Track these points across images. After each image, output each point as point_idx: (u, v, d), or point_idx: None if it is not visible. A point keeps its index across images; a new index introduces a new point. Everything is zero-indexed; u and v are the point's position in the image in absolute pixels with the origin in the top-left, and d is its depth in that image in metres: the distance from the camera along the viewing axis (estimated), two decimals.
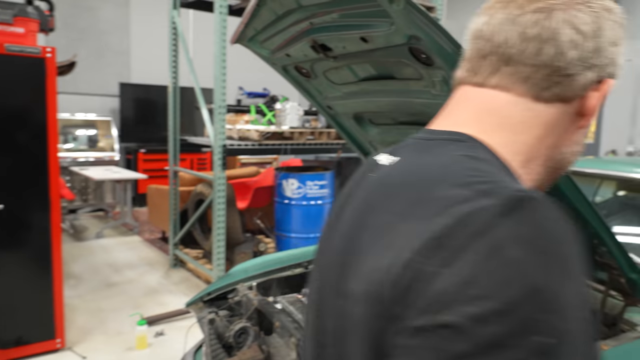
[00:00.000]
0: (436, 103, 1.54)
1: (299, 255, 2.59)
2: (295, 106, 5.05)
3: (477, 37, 0.71)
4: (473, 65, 0.73)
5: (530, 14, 0.65)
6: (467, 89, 0.76)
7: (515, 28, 0.66)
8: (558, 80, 0.66)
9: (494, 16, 0.69)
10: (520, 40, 0.66)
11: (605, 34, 0.66)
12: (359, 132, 2.24)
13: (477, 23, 0.72)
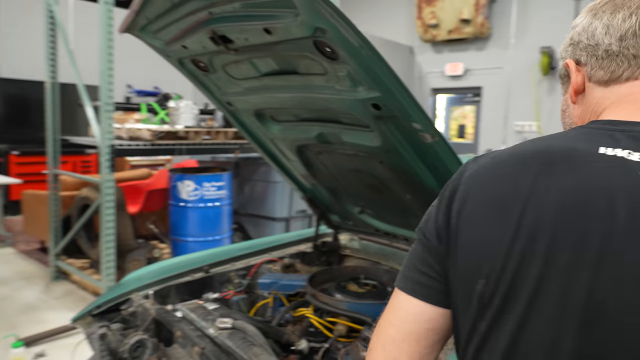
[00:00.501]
0: (340, 99, 1.54)
1: (197, 260, 2.46)
2: (190, 104, 4.85)
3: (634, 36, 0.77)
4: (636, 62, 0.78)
5: None
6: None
7: None
8: None
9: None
10: None
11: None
12: (261, 130, 2.18)
13: (618, 23, 0.78)
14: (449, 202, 0.81)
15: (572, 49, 0.86)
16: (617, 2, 0.80)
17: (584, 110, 0.85)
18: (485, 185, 0.77)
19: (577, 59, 0.85)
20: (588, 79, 0.84)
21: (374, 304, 1.92)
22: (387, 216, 2.30)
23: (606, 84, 0.81)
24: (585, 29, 0.83)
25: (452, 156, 1.43)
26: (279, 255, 2.60)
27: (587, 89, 0.84)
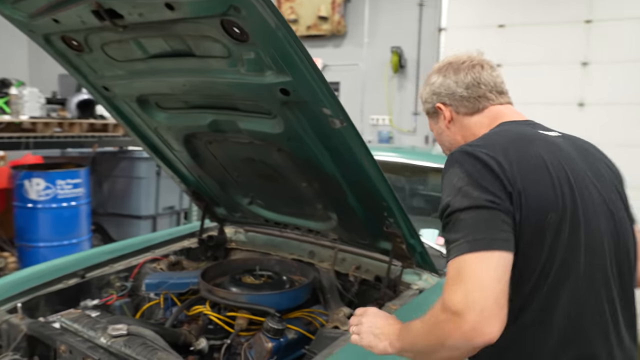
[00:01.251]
0: (242, 84, 1.48)
1: (68, 264, 2.19)
2: (36, 92, 4.27)
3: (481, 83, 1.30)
4: (494, 95, 1.31)
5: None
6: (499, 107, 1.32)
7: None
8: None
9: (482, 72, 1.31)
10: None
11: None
12: (143, 118, 2.01)
13: (462, 79, 1.30)
14: (501, 174, 1.04)
15: (436, 97, 1.34)
16: (454, 66, 1.31)
17: (465, 129, 1.32)
18: (521, 157, 1.09)
19: (443, 102, 1.33)
20: (456, 113, 1.32)
21: (274, 294, 1.90)
22: (278, 206, 2.29)
23: (472, 114, 1.31)
24: (442, 84, 1.32)
25: (359, 141, 1.47)
26: (162, 253, 2.43)
27: (457, 118, 1.33)
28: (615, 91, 8.32)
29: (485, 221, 1.00)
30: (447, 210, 1.05)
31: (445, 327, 0.96)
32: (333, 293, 2.06)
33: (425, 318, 1.05)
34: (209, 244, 2.54)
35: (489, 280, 0.95)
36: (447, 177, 1.10)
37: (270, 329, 1.79)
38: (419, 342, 1.06)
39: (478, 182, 1.03)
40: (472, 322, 0.92)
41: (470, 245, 0.98)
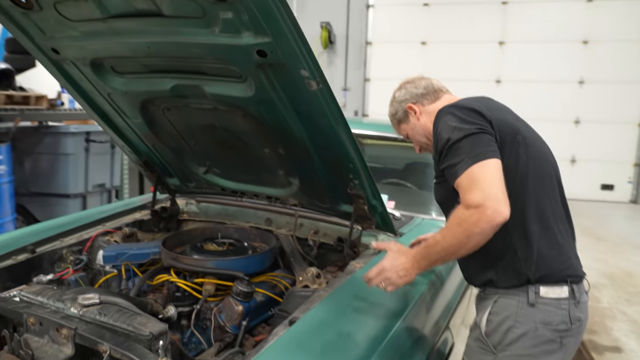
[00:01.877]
0: (216, 45, 1.46)
1: (14, 239, 2.07)
2: None
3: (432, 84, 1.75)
4: (444, 90, 1.76)
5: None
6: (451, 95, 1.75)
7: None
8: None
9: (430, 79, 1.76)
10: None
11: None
12: (95, 83, 1.92)
13: (422, 84, 1.75)
14: (481, 111, 1.44)
15: (404, 103, 1.73)
16: (409, 81, 1.76)
17: (432, 115, 1.58)
18: (489, 105, 1.54)
19: (411, 102, 1.72)
20: (422, 105, 1.72)
21: (241, 259, 1.93)
22: (236, 174, 2.29)
23: (434, 102, 1.70)
24: (405, 93, 1.74)
25: (333, 103, 1.51)
26: (113, 226, 2.35)
27: (424, 110, 1.71)
28: (528, 69, 8.98)
29: (479, 142, 1.36)
30: (448, 143, 1.39)
31: (471, 219, 1.27)
32: (296, 256, 2.11)
33: (448, 225, 1.37)
34: (162, 216, 2.49)
35: (493, 178, 1.30)
36: (441, 124, 1.45)
37: (240, 292, 1.81)
38: (447, 247, 1.35)
39: (466, 119, 1.41)
40: (492, 207, 1.25)
41: (473, 160, 1.33)
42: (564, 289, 1.43)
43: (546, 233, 1.45)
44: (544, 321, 1.41)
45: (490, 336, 1.47)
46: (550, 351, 1.42)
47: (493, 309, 1.48)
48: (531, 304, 1.41)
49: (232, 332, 1.81)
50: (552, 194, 1.50)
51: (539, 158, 1.50)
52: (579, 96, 8.92)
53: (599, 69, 8.74)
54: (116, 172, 5.36)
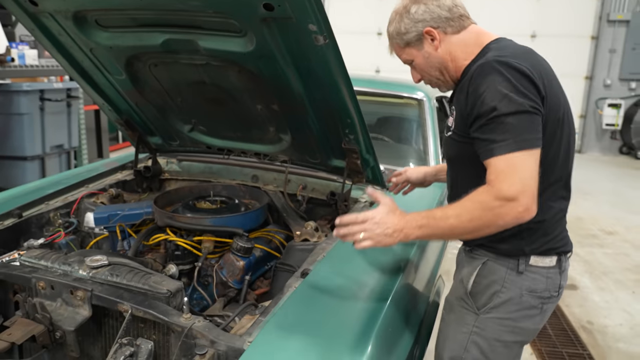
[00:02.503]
0: None
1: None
2: None
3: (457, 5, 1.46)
4: (468, 15, 1.49)
5: None
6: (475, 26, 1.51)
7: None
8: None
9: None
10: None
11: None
12: (76, 38, 1.82)
13: (445, 3, 1.43)
14: (537, 81, 1.26)
15: (421, 24, 1.42)
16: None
17: (454, 47, 1.43)
18: (541, 68, 1.33)
19: (430, 26, 1.41)
20: (444, 33, 1.43)
21: (238, 216, 1.94)
22: (224, 131, 2.26)
23: (458, 32, 1.44)
24: (425, 11, 1.41)
25: (338, 57, 1.51)
26: (97, 187, 2.29)
27: (445, 39, 1.43)
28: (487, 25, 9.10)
29: (530, 124, 1.22)
30: (492, 113, 1.22)
31: (500, 210, 1.18)
32: (288, 212, 2.14)
33: (467, 205, 1.23)
34: (145, 175, 2.44)
35: (535, 172, 1.20)
36: (487, 83, 1.24)
37: (240, 248, 1.84)
38: (460, 227, 1.24)
39: (520, 90, 1.22)
40: (526, 204, 1.17)
41: (519, 144, 1.19)
42: (553, 259, 1.41)
43: (559, 212, 1.42)
44: (530, 289, 1.40)
45: (475, 297, 1.45)
46: (531, 316, 1.42)
47: (481, 271, 1.44)
48: (520, 272, 1.40)
49: (235, 287, 1.85)
50: (571, 168, 1.43)
51: (570, 134, 1.39)
52: None
53: (550, 25, 9.00)
54: (74, 132, 5.13)
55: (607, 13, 8.89)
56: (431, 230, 1.27)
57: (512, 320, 1.42)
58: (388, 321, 1.32)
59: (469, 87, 1.30)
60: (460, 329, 1.47)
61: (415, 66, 1.52)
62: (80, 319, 1.34)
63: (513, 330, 1.43)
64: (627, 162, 8.83)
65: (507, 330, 1.43)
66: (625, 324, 3.15)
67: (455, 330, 1.49)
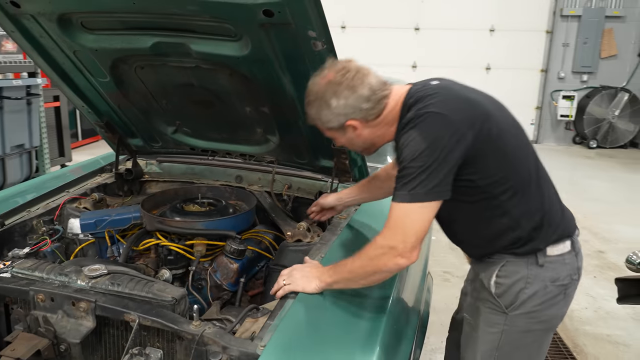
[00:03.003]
0: (219, 3, 1.40)
1: None
2: None
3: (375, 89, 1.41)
4: (385, 89, 1.42)
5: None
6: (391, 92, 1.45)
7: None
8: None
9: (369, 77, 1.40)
10: None
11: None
12: (59, 41, 1.77)
13: (368, 86, 1.39)
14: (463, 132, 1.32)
15: (343, 117, 1.40)
16: (345, 83, 1.36)
17: (376, 129, 1.45)
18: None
19: (352, 118, 1.40)
20: (365, 122, 1.42)
21: (230, 218, 1.94)
22: (208, 133, 2.25)
23: (379, 116, 1.42)
24: (345, 105, 1.37)
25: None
26: (78, 192, 2.23)
27: (367, 125, 1.43)
28: (443, 55, 9.34)
29: (429, 177, 1.29)
30: (402, 164, 1.32)
31: (381, 258, 1.30)
32: (277, 212, 2.16)
33: (361, 253, 1.34)
34: (126, 178, 2.39)
35: (423, 225, 1.31)
36: (405, 139, 1.31)
37: (234, 251, 1.85)
38: (353, 273, 1.35)
39: (431, 145, 1.28)
40: (402, 253, 1.28)
41: (412, 197, 1.29)
42: (567, 244, 1.46)
43: (549, 199, 1.46)
44: (552, 278, 1.44)
45: (502, 297, 1.47)
46: (556, 303, 1.47)
47: (501, 272, 1.47)
48: (540, 265, 1.43)
49: (230, 290, 1.86)
50: (534, 160, 1.47)
51: (516, 135, 1.44)
52: (490, 44, 9.45)
53: (508, 19, 9.28)
54: (34, 131, 4.93)
55: (560, 8, 9.24)
56: (338, 276, 1.38)
57: (539, 312, 1.47)
58: (393, 318, 1.37)
59: (398, 140, 1.37)
60: (489, 330, 1.52)
61: (339, 144, 1.57)
62: (85, 331, 1.33)
63: (541, 319, 1.48)
64: (580, 151, 9.27)
65: (536, 321, 1.48)
66: (590, 307, 3.34)
67: (484, 331, 1.53)
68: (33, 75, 4.91)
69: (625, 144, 9.35)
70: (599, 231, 4.85)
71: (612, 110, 9.13)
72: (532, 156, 1.46)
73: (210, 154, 2.35)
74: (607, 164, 8.15)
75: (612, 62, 9.42)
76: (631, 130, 9.28)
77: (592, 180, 7.01)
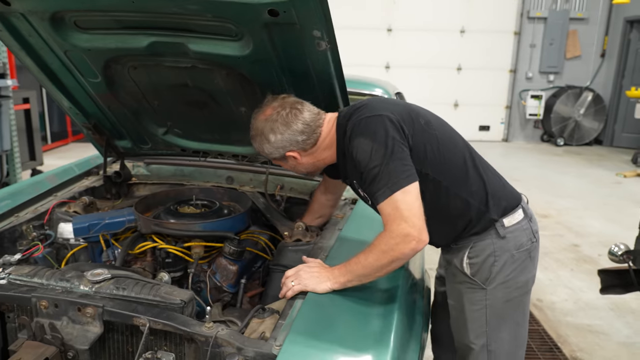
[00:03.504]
0: (223, 3, 1.38)
1: None
2: None
3: (308, 122, 1.56)
4: (319, 119, 1.57)
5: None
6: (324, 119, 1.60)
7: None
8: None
9: (302, 112, 1.56)
10: None
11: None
12: (49, 40, 1.72)
13: (301, 121, 1.54)
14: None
15: (282, 149, 1.55)
16: (281, 119, 1.51)
17: (315, 154, 1.59)
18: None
19: (290, 150, 1.55)
20: (303, 151, 1.57)
21: (228, 220, 1.92)
22: (200, 133, 2.22)
23: (315, 143, 1.56)
24: (282, 140, 1.53)
25: (337, 61, 1.54)
26: (67, 195, 2.17)
27: (305, 153, 1.58)
28: (416, 56, 9.49)
29: (395, 167, 1.39)
30: (365, 168, 1.43)
31: (398, 247, 1.34)
32: (272, 212, 2.15)
33: (371, 249, 1.39)
34: (115, 181, 2.34)
35: (415, 204, 1.38)
36: (355, 148, 1.44)
37: (233, 252, 1.83)
38: (369, 268, 1.38)
39: (380, 140, 1.42)
40: (417, 237, 1.34)
41: (392, 188, 1.38)
42: (519, 212, 1.62)
43: (489, 175, 1.62)
44: (516, 246, 1.60)
45: (477, 275, 1.60)
46: (525, 267, 1.63)
47: (470, 253, 1.61)
48: (502, 237, 1.59)
49: (230, 291, 1.84)
50: (467, 144, 1.64)
51: (443, 127, 1.62)
52: (461, 45, 9.64)
53: (478, 21, 9.48)
54: (5, 134, 4.76)
55: (527, 10, 9.50)
56: (352, 275, 1.41)
57: (513, 279, 1.61)
58: (402, 314, 1.38)
59: (349, 156, 1.48)
60: (474, 308, 1.63)
61: (285, 167, 1.70)
62: (93, 337, 1.29)
63: (517, 286, 1.62)
64: (549, 149, 9.55)
65: (513, 288, 1.62)
66: (570, 299, 3.45)
67: (470, 310, 1.63)
68: (2, 76, 4.74)
69: (590, 141, 9.69)
70: (572, 226, 5.01)
71: (577, 109, 9.45)
72: (462, 142, 1.63)
73: (201, 155, 2.32)
74: (575, 161, 8.42)
75: (576, 63, 9.75)
76: (595, 128, 9.63)
77: (562, 176, 7.23)
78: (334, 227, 1.91)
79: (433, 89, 9.54)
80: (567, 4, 9.52)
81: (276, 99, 1.57)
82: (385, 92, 3.22)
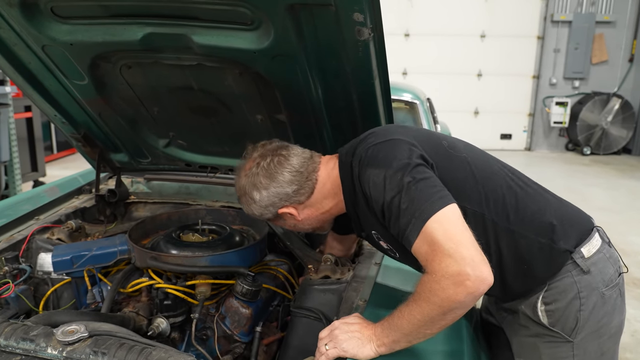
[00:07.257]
0: None
1: None
2: None
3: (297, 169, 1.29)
4: (312, 164, 1.31)
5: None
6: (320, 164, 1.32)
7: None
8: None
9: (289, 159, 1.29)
10: None
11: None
12: (22, 33, 1.41)
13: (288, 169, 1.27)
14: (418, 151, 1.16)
15: (272, 207, 1.30)
16: (263, 172, 1.27)
17: (316, 206, 1.32)
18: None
19: (283, 206, 1.29)
20: (300, 203, 1.30)
21: (240, 251, 1.58)
22: (208, 146, 1.89)
23: (312, 193, 1.29)
24: (269, 195, 1.27)
25: (383, 54, 1.20)
26: (51, 219, 1.85)
27: (302, 205, 1.31)
28: (434, 61, 9.19)
29: (421, 189, 1.10)
30: (383, 204, 1.13)
31: (447, 293, 0.99)
32: (293, 239, 1.80)
33: (415, 298, 1.05)
34: (109, 201, 2.02)
35: (457, 233, 1.05)
36: (366, 183, 1.15)
37: (247, 292, 1.50)
38: (417, 324, 1.05)
39: (392, 165, 1.16)
40: (473, 274, 0.98)
41: (423, 217, 1.07)
42: (596, 236, 1.30)
43: (545, 197, 1.32)
44: (604, 281, 1.27)
45: (558, 325, 1.28)
46: (617, 307, 1.30)
47: (546, 298, 1.28)
48: (586, 272, 1.26)
49: (242, 341, 1.50)
50: (505, 165, 1.35)
51: (471, 149, 1.34)
52: (481, 50, 9.28)
53: (499, 25, 9.12)
54: (3, 144, 4.49)
55: (551, 13, 9.11)
56: (398, 334, 1.09)
57: (606, 325, 1.29)
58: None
59: (361, 199, 1.19)
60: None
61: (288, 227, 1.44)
62: None
63: (609, 333, 1.31)
64: (575, 158, 9.11)
65: (605, 337, 1.30)
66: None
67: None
68: (1, 83, 4.48)
69: (619, 150, 9.24)
70: (615, 243, 4.58)
71: (604, 116, 9.01)
72: (497, 162, 1.34)
73: (210, 170, 1.99)
74: (604, 171, 7.98)
75: (603, 68, 9.32)
76: (624, 137, 9.17)
77: (592, 187, 6.80)
78: (370, 260, 1.57)
79: (452, 96, 9.16)
80: (593, 6, 9.12)
81: (256, 149, 1.33)
82: (415, 97, 2.88)
